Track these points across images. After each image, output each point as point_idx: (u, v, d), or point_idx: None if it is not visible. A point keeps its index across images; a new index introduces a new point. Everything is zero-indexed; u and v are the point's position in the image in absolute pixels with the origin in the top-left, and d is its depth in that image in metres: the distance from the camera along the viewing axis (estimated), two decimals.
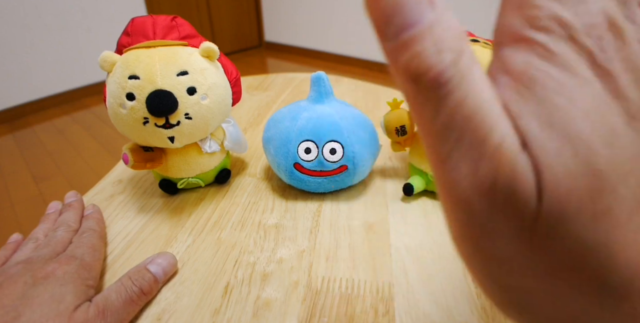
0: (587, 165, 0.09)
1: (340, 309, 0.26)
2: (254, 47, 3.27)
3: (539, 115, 0.09)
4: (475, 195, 0.10)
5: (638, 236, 0.09)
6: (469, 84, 0.09)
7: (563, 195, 0.09)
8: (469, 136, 0.09)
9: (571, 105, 0.09)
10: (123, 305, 0.24)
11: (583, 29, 0.10)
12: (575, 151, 0.09)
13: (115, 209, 0.37)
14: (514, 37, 0.10)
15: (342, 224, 0.34)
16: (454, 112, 0.09)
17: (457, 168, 0.10)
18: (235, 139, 0.37)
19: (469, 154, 0.10)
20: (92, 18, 2.18)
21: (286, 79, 0.70)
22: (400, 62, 0.10)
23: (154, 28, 0.31)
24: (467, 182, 0.10)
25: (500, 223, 0.10)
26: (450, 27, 0.10)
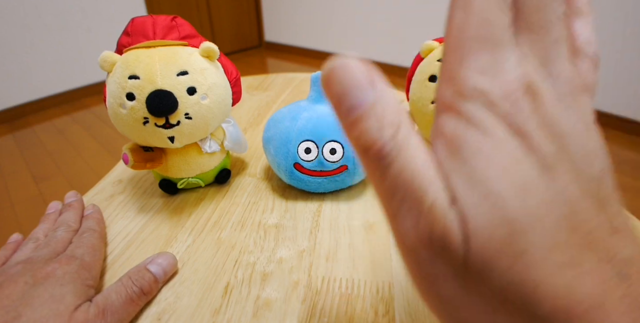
0: (502, 216, 0.11)
1: (340, 309, 0.26)
2: (254, 47, 3.27)
3: (463, 174, 0.11)
4: (418, 245, 0.11)
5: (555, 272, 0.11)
6: (406, 154, 0.11)
7: (484, 242, 0.11)
8: (409, 197, 0.11)
9: (488, 164, 0.11)
10: (123, 305, 0.24)
11: (500, 96, 0.11)
12: (492, 204, 0.11)
13: (115, 209, 0.37)
14: (446, 106, 0.12)
15: (342, 224, 0.34)
16: (395, 178, 0.11)
17: (404, 223, 0.12)
18: (235, 139, 0.37)
19: (411, 212, 0.11)
20: (92, 18, 2.18)
21: (286, 79, 0.70)
22: (352, 137, 0.12)
23: (154, 28, 0.31)
24: (411, 235, 0.12)
25: (440, 268, 0.11)
26: (389, 104, 0.12)
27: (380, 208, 0.13)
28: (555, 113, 0.11)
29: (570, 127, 0.12)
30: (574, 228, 0.11)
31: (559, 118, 0.11)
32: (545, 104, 0.11)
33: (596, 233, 0.11)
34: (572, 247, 0.11)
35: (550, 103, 0.11)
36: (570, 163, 0.11)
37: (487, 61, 0.11)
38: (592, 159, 0.12)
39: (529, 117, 0.11)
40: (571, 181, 0.11)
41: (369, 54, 2.61)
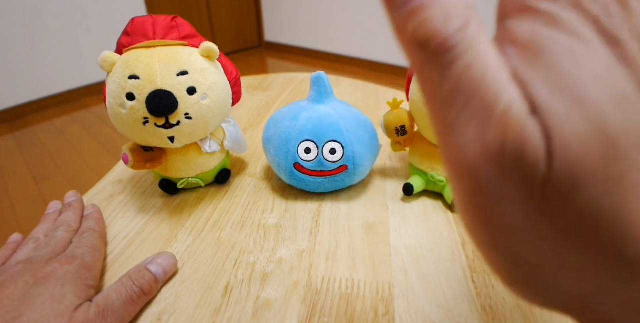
0: (599, 129, 0.09)
1: (340, 309, 0.26)
2: (254, 47, 3.27)
3: (548, 80, 0.09)
4: (482, 160, 0.09)
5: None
6: (476, 50, 0.09)
7: (574, 159, 0.09)
8: (476, 101, 0.09)
9: (580, 69, 0.09)
10: (123, 305, 0.24)
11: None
12: (587, 114, 0.09)
13: (115, 209, 0.37)
14: (518, 7, 0.10)
15: (342, 224, 0.34)
16: (460, 77, 0.09)
17: (464, 134, 0.10)
18: (235, 139, 0.37)
19: (476, 119, 0.09)
20: (92, 18, 2.18)
21: (286, 79, 0.70)
22: (407, 30, 0.10)
23: (154, 28, 0.31)
24: (474, 148, 0.10)
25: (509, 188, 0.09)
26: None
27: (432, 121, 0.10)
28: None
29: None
30: None
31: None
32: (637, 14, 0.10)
33: None
34: None
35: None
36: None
37: None
38: None
39: (621, 24, 0.10)
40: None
41: (369, 54, 2.61)
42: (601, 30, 0.10)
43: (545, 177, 0.09)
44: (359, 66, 2.68)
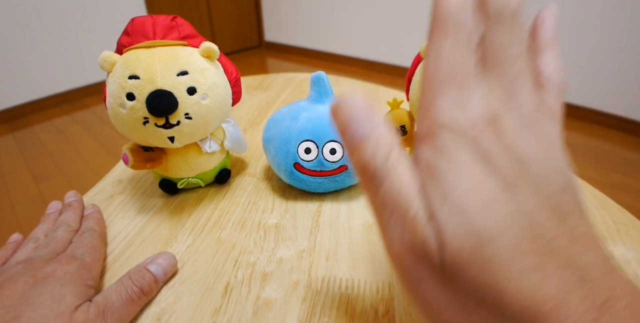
0: (470, 228, 0.12)
1: (340, 309, 0.26)
2: (254, 47, 3.27)
3: (437, 195, 0.13)
4: (404, 253, 0.14)
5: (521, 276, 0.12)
6: (394, 175, 0.14)
7: (456, 250, 0.13)
8: (396, 211, 0.14)
9: (456, 185, 0.13)
10: (123, 305, 0.24)
11: (466, 127, 0.13)
12: (460, 218, 0.13)
13: (115, 209, 0.37)
14: (422, 137, 0.14)
15: (342, 224, 0.34)
16: (385, 194, 0.14)
17: (392, 233, 0.14)
18: (235, 139, 0.37)
19: (397, 223, 0.14)
20: (92, 18, 2.18)
21: (286, 79, 0.70)
22: (353, 159, 0.15)
23: (154, 28, 0.31)
24: (398, 244, 0.14)
25: (422, 273, 0.13)
26: (382, 135, 0.14)
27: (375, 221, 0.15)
28: (516, 140, 0.14)
29: (530, 152, 0.14)
30: (535, 237, 0.13)
31: (519, 144, 0.13)
32: (508, 132, 0.13)
33: (556, 242, 0.13)
34: (534, 254, 0.13)
35: (512, 132, 0.14)
36: (529, 182, 0.13)
37: (455, 99, 0.14)
38: (552, 179, 0.14)
39: (492, 144, 0.13)
40: (531, 197, 0.13)
41: (369, 54, 2.61)
42: (475, 151, 0.13)
43: (440, 264, 0.13)
44: (359, 66, 2.68)
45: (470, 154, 0.13)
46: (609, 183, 1.41)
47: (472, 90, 0.14)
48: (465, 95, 0.14)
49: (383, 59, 2.55)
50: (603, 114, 1.79)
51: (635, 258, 0.30)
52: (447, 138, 0.14)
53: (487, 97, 0.14)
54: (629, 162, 1.54)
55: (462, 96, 0.14)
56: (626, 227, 0.33)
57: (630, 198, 1.33)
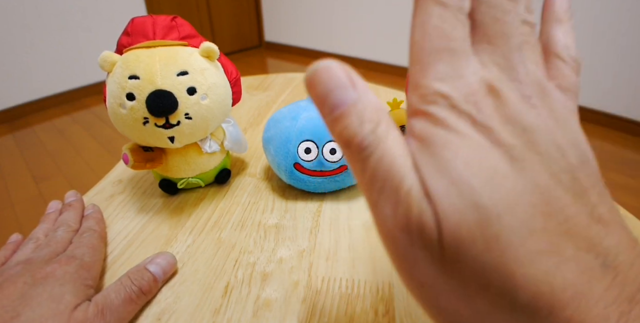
0: (470, 202, 0.11)
1: (340, 309, 0.26)
2: (254, 47, 3.27)
3: (433, 167, 0.12)
4: (397, 231, 0.12)
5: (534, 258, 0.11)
6: (385, 146, 0.12)
7: (454, 227, 0.11)
8: (387, 186, 0.12)
9: (454, 156, 0.12)
10: (122, 304, 0.24)
11: (461, 98, 0.12)
12: (459, 192, 0.11)
13: (115, 209, 0.37)
14: (413, 110, 0.13)
15: (342, 224, 0.34)
16: (375, 168, 0.12)
17: (383, 210, 0.12)
18: (235, 139, 0.37)
19: (389, 200, 0.12)
20: (92, 18, 2.18)
21: (286, 79, 0.70)
22: (335, 132, 0.13)
23: (154, 28, 0.31)
24: (390, 221, 0.12)
25: (418, 253, 0.12)
26: (369, 103, 0.13)
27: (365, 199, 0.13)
28: (519, 111, 0.12)
29: (537, 123, 0.12)
30: (549, 215, 0.11)
31: (523, 115, 0.12)
32: (508, 103, 0.12)
33: (575, 221, 0.11)
34: (549, 234, 0.11)
35: (513, 102, 0.12)
36: (539, 155, 0.12)
37: (446, 69, 0.13)
38: (566, 152, 0.12)
39: (491, 115, 0.12)
40: (541, 171, 0.12)
41: (369, 53, 2.61)
42: (474, 123, 0.12)
43: (439, 243, 0.11)
44: (359, 66, 2.68)
45: (470, 125, 0.12)
46: (609, 183, 1.40)
47: (467, 58, 0.13)
48: (460, 62, 0.13)
49: (383, 59, 2.55)
50: (603, 114, 1.79)
51: None
52: (441, 107, 0.12)
53: (487, 65, 0.13)
54: (629, 162, 1.54)
55: (456, 63, 0.13)
56: None
57: (630, 198, 1.33)
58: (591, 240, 0.11)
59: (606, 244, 0.11)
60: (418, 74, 0.13)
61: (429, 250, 0.12)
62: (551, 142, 0.12)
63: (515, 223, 0.11)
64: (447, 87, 0.12)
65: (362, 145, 0.13)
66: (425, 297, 0.13)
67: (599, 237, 0.12)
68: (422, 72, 0.13)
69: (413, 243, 0.12)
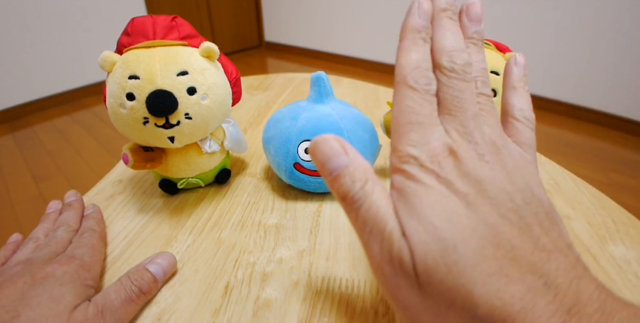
0: (434, 236, 0.14)
1: (340, 309, 0.26)
2: (254, 47, 3.27)
3: (406, 211, 0.15)
4: (383, 264, 0.15)
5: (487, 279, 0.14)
6: (371, 199, 0.16)
7: (423, 256, 0.14)
8: (375, 230, 0.16)
9: (421, 203, 0.15)
10: (122, 304, 0.24)
11: (427, 159, 0.16)
12: (425, 229, 0.15)
13: (115, 209, 0.37)
14: (394, 168, 0.17)
15: (342, 224, 0.34)
16: (364, 216, 0.16)
17: (372, 248, 0.16)
18: (235, 139, 0.37)
19: (376, 240, 0.16)
20: (92, 18, 2.18)
21: (286, 79, 0.70)
22: (333, 189, 0.17)
23: (154, 28, 0.31)
24: (378, 257, 0.16)
25: (400, 281, 0.15)
26: (359, 165, 0.17)
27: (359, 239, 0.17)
28: (473, 166, 0.16)
29: (489, 175, 0.16)
30: (497, 245, 0.14)
31: (477, 170, 0.16)
32: (465, 161, 0.16)
33: (519, 250, 0.14)
34: (498, 260, 0.14)
35: (468, 160, 0.16)
36: (489, 200, 0.15)
37: (416, 137, 0.16)
38: (513, 196, 0.15)
39: (451, 171, 0.16)
40: (491, 212, 0.15)
41: (369, 54, 2.61)
42: (438, 177, 0.16)
43: (414, 270, 0.14)
44: (359, 66, 2.68)
45: (434, 179, 0.16)
46: (609, 183, 1.41)
47: (432, 129, 0.16)
48: (426, 131, 0.16)
49: (383, 59, 2.54)
50: (603, 114, 1.79)
51: (635, 258, 0.30)
52: (412, 166, 0.16)
53: (449, 132, 0.17)
54: (629, 162, 1.54)
55: (423, 132, 0.16)
56: (626, 227, 0.33)
57: (630, 198, 1.33)
58: (534, 264, 0.14)
59: (547, 268, 0.14)
60: (396, 141, 0.17)
61: (408, 278, 0.15)
62: (500, 189, 0.15)
63: (469, 251, 0.14)
64: (416, 151, 0.16)
65: (354, 199, 0.16)
66: (410, 316, 0.15)
67: (542, 262, 0.14)
68: (398, 140, 0.17)
69: (396, 273, 0.15)
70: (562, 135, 1.74)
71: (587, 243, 0.31)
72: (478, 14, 0.20)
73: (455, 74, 0.17)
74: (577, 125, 1.82)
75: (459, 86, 0.17)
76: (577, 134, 1.75)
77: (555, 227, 0.16)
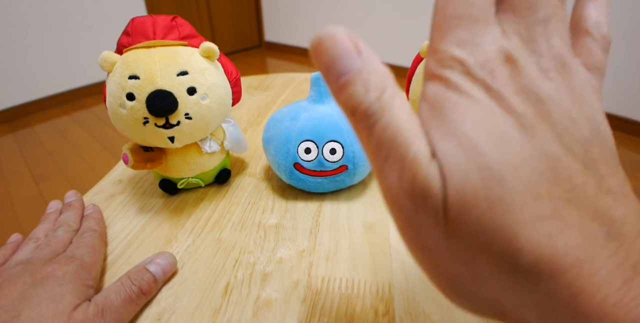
0: (476, 162, 0.11)
1: (340, 309, 0.26)
2: (254, 47, 3.27)
3: (441, 130, 0.12)
4: (402, 196, 0.12)
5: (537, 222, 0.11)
6: (390, 114, 0.12)
7: (458, 187, 0.11)
8: (394, 152, 0.12)
9: (464, 118, 0.12)
10: (122, 304, 0.24)
11: (477, 64, 0.12)
12: (465, 152, 0.11)
13: (115, 209, 0.37)
14: (430, 74, 0.13)
15: (342, 224, 0.34)
16: (380, 135, 0.12)
17: (389, 177, 0.12)
18: (235, 139, 0.37)
19: (395, 166, 0.12)
20: (92, 18, 2.18)
21: (286, 79, 0.70)
22: (340, 100, 0.13)
23: (154, 28, 0.31)
24: (396, 187, 0.12)
25: (423, 217, 0.12)
26: (375, 70, 0.13)
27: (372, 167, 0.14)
28: (537, 81, 0.12)
29: (552, 94, 0.12)
30: (555, 182, 0.11)
31: (538, 86, 0.12)
32: (525, 73, 0.12)
33: (581, 190, 0.12)
34: (554, 200, 0.11)
35: (529, 73, 0.12)
36: (551, 125, 0.12)
37: (465, 35, 0.13)
38: (580, 125, 0.12)
39: (506, 83, 0.12)
40: (552, 141, 0.12)
41: None
42: (487, 89, 0.12)
43: (443, 204, 0.11)
44: None
45: (483, 90, 0.12)
46: None
47: (488, 26, 0.13)
48: (480, 30, 0.13)
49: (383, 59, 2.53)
50: None
51: None
52: (456, 72, 0.12)
53: (508, 35, 0.13)
54: (629, 162, 1.54)
55: (476, 31, 0.13)
56: None
57: None
58: (597, 209, 0.12)
59: (612, 214, 0.12)
60: (437, 39, 0.13)
61: (433, 213, 0.12)
62: (565, 114, 0.12)
63: (519, 186, 0.11)
64: (463, 53, 0.13)
65: (367, 113, 0.13)
66: (427, 261, 0.13)
67: (606, 207, 0.12)
68: (441, 38, 0.13)
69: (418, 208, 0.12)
70: None
71: None
72: None
73: None
74: None
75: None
76: None
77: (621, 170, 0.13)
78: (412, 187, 0.12)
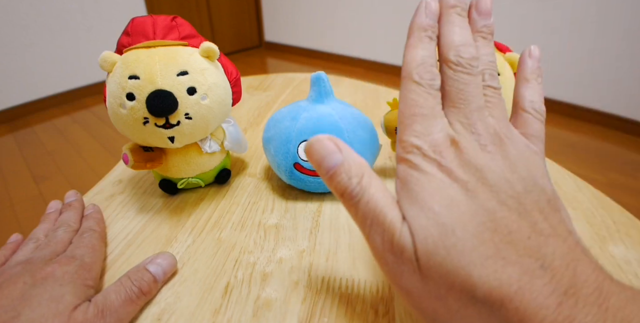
0: (434, 221, 0.15)
1: (340, 309, 0.26)
2: (254, 47, 3.27)
3: (408, 199, 0.16)
4: (386, 253, 0.16)
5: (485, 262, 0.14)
6: (369, 193, 0.17)
7: (423, 241, 0.15)
8: (375, 221, 0.17)
9: (423, 190, 0.16)
10: (122, 304, 0.24)
11: (430, 149, 0.17)
12: (425, 215, 0.16)
13: (115, 209, 0.37)
14: (399, 158, 0.18)
15: (342, 224, 0.34)
16: (364, 209, 0.17)
17: (375, 239, 0.17)
18: (235, 139, 0.37)
19: (378, 230, 0.17)
20: (92, 18, 2.18)
21: (286, 79, 0.70)
22: (331, 186, 0.18)
23: (154, 28, 0.31)
24: (380, 247, 0.17)
25: (402, 267, 0.16)
26: (353, 161, 0.18)
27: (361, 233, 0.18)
28: (474, 156, 0.16)
29: (489, 164, 0.16)
30: (495, 230, 0.15)
31: (477, 159, 0.16)
32: (465, 151, 0.17)
33: (517, 235, 0.15)
34: (495, 244, 0.14)
35: (469, 150, 0.17)
36: (489, 187, 0.16)
37: (420, 128, 0.17)
38: (513, 184, 0.16)
39: (452, 160, 0.16)
40: (490, 198, 0.15)
41: (369, 54, 2.61)
42: (439, 166, 0.16)
43: (415, 255, 0.15)
44: (359, 66, 2.68)
45: (435, 167, 0.16)
46: (609, 183, 1.41)
47: (435, 120, 0.17)
48: (429, 123, 0.17)
49: (383, 59, 2.54)
50: (603, 114, 1.79)
51: (635, 258, 0.30)
52: (415, 155, 0.17)
53: (452, 123, 0.17)
54: (629, 162, 1.54)
55: (427, 124, 0.17)
56: (626, 227, 0.33)
57: (630, 198, 1.33)
58: (531, 248, 0.14)
59: (544, 251, 0.14)
60: (401, 132, 0.18)
61: (410, 263, 0.15)
62: (500, 177, 0.16)
63: (467, 235, 0.15)
64: (419, 141, 0.17)
65: (352, 194, 0.17)
66: (412, 301, 0.16)
67: (539, 245, 0.15)
68: (403, 131, 0.18)
69: (397, 260, 0.16)
70: (562, 135, 1.74)
71: (587, 243, 0.31)
72: (488, 8, 0.20)
73: (461, 67, 0.18)
74: (577, 125, 1.82)
75: (464, 79, 0.18)
76: (577, 134, 1.75)
77: (557, 214, 0.16)
78: (391, 244, 0.16)
